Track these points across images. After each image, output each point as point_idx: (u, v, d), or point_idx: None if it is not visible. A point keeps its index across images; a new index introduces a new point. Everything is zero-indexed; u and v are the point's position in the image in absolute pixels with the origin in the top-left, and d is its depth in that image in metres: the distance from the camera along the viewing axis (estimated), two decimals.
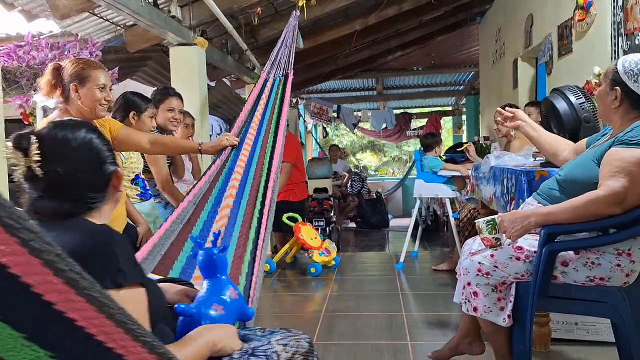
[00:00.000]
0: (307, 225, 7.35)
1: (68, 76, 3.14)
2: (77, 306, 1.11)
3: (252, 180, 3.69)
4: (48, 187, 1.63)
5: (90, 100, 3.16)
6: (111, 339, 1.18)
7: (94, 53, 4.89)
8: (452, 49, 13.41)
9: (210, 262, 2.12)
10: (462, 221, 6.48)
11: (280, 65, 4.21)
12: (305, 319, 5.09)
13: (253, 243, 3.36)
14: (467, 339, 3.44)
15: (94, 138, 1.73)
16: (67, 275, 1.09)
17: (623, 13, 4.54)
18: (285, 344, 1.91)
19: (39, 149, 1.58)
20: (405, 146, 26.33)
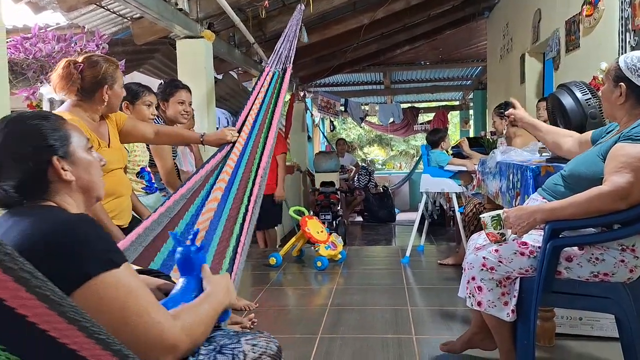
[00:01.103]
0: (313, 218, 7.35)
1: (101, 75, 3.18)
2: (28, 303, 1.15)
3: (242, 175, 3.69)
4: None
5: (117, 99, 3.27)
6: (64, 335, 1.20)
7: (100, 45, 4.88)
8: (460, 43, 13.40)
9: (188, 260, 2.10)
10: (468, 216, 6.47)
11: (281, 60, 4.22)
12: (311, 312, 5.09)
13: (236, 239, 3.36)
14: (480, 334, 3.45)
15: (33, 125, 1.76)
16: (17, 273, 1.13)
17: (631, 9, 4.53)
18: (254, 344, 1.91)
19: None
20: (413, 140, 26.35)
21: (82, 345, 1.24)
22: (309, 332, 4.39)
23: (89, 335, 1.25)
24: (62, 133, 1.81)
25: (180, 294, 2.01)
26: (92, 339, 1.25)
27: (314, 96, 15.35)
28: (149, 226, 3.06)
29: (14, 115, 1.79)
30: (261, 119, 3.98)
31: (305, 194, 12.90)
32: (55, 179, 1.75)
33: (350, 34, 9.86)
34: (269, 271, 6.73)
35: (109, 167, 3.31)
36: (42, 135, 1.75)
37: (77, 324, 1.23)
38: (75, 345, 1.22)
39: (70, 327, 1.21)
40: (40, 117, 1.80)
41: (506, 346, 3.13)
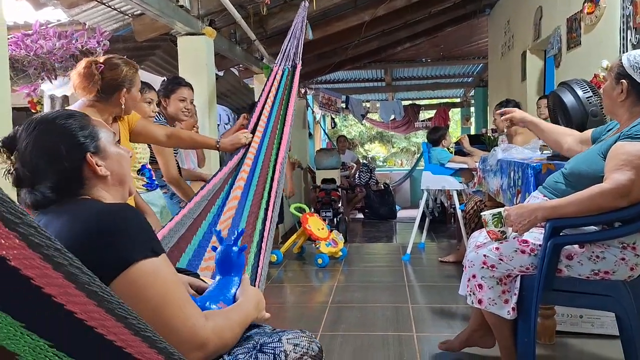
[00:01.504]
0: (314, 216, 7.36)
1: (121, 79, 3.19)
2: (76, 300, 1.14)
3: (260, 172, 3.70)
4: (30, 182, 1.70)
5: (133, 103, 3.29)
6: (111, 332, 1.21)
7: (101, 42, 4.88)
8: (461, 40, 13.38)
9: (228, 260, 2.11)
10: (469, 213, 6.48)
11: (289, 57, 4.21)
12: (311, 309, 5.10)
13: (260, 234, 3.38)
14: (479, 332, 3.46)
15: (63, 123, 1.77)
16: (67, 269, 1.13)
17: (632, 6, 4.53)
18: (296, 343, 1.86)
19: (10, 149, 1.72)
20: (414, 137, 26.32)
21: (128, 342, 1.25)
22: (309, 330, 4.33)
23: (135, 332, 1.26)
24: (90, 129, 1.82)
25: (218, 291, 2.02)
26: (138, 337, 1.27)
27: (315, 93, 15.34)
28: (173, 227, 3.08)
29: (39, 117, 1.78)
30: (275, 116, 3.99)
31: (306, 191, 12.88)
32: (91, 175, 1.77)
33: (352, 31, 9.85)
34: (270, 268, 6.70)
35: None
36: (72, 133, 1.76)
37: (124, 321, 1.24)
38: (122, 343, 1.24)
39: (117, 325, 1.22)
40: (65, 116, 1.80)
41: (506, 343, 3.14)
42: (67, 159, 1.72)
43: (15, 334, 1.08)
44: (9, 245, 1.02)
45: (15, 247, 1.04)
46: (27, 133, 1.71)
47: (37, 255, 1.07)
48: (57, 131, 1.75)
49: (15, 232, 1.03)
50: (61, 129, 1.75)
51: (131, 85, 3.24)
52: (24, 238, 1.05)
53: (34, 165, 1.69)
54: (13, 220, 1.03)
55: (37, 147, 1.70)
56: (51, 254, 1.10)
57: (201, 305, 1.92)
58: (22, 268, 1.05)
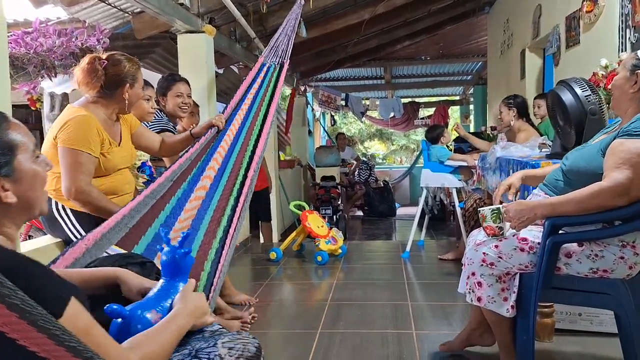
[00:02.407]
0: (314, 213, 7.37)
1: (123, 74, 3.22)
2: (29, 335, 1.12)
3: (233, 166, 3.68)
4: None
5: (136, 99, 3.33)
6: (34, 343, 1.16)
7: (101, 40, 4.89)
8: (461, 38, 13.40)
9: (173, 263, 2.04)
10: (468, 211, 6.48)
11: (278, 53, 4.21)
12: (311, 307, 5.10)
13: (224, 231, 3.36)
14: (478, 330, 3.46)
15: None
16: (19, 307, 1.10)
17: (631, 5, 4.54)
18: (230, 347, 1.85)
19: None
20: (413, 135, 26.34)
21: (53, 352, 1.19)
22: (309, 327, 4.40)
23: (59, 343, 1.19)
24: (5, 143, 1.52)
25: (154, 299, 1.94)
26: (63, 347, 1.19)
27: (315, 91, 15.36)
28: (134, 207, 3.05)
29: None
30: (254, 112, 3.98)
31: (306, 189, 12.91)
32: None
33: (351, 29, 9.86)
34: (269, 266, 6.74)
35: (117, 166, 3.36)
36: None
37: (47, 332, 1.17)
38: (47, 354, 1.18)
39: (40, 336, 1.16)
40: None
41: (505, 341, 3.14)
42: None
43: None
44: None
45: None
46: None
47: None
48: None
49: None
50: None
51: (134, 81, 3.27)
52: None
53: None
54: None
55: None
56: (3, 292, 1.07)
57: (133, 312, 1.85)
58: None
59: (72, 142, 3.09)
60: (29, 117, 12.46)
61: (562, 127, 3.70)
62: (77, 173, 3.11)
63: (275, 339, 4.27)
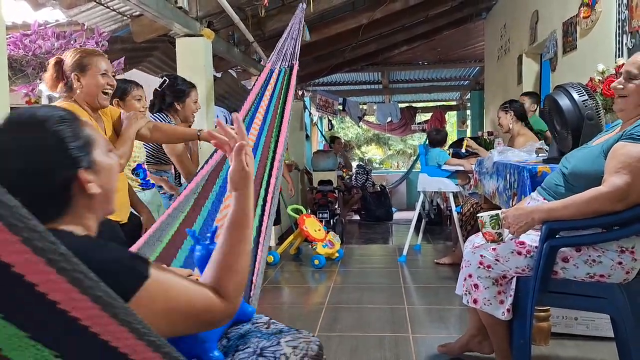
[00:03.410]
0: (311, 217, 7.38)
1: (69, 67, 3.18)
2: (80, 305, 1.09)
3: (256, 171, 3.71)
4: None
5: (93, 87, 3.19)
6: (115, 337, 1.16)
7: (100, 43, 4.90)
8: (458, 44, 13.41)
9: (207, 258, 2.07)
10: (465, 215, 6.50)
11: (286, 57, 4.22)
12: (308, 310, 5.11)
13: (256, 231, 3.38)
14: (478, 337, 3.47)
15: (56, 129, 1.45)
16: (71, 274, 1.07)
17: (628, 11, 4.55)
18: (295, 346, 1.88)
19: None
20: (410, 140, 26.35)
21: (133, 348, 1.20)
22: (306, 330, 4.40)
23: (139, 336, 1.20)
24: (84, 137, 1.53)
25: None
26: (142, 341, 1.21)
27: (312, 95, 15.37)
28: (164, 220, 3.07)
29: (25, 116, 1.48)
30: (271, 116, 3.99)
31: (303, 193, 12.91)
32: (77, 194, 1.50)
33: (349, 34, 9.87)
34: (267, 269, 6.73)
35: None
36: (65, 144, 1.46)
37: (128, 326, 1.17)
38: (127, 349, 1.19)
39: (121, 330, 1.16)
40: (57, 118, 1.47)
41: (501, 344, 3.16)
42: (55, 177, 1.46)
43: (21, 345, 1.04)
44: (13, 250, 0.97)
45: (20, 253, 0.98)
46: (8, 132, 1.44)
47: (41, 260, 1.01)
48: (48, 139, 1.45)
49: (19, 237, 0.97)
50: (54, 138, 1.45)
51: (82, 70, 3.18)
52: (28, 243, 0.99)
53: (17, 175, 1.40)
54: (17, 225, 0.97)
55: (17, 155, 1.41)
56: (55, 258, 1.03)
57: None
58: (26, 274, 1.00)
59: None
60: None
61: (559, 131, 3.71)
62: None
63: None
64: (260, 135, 3.88)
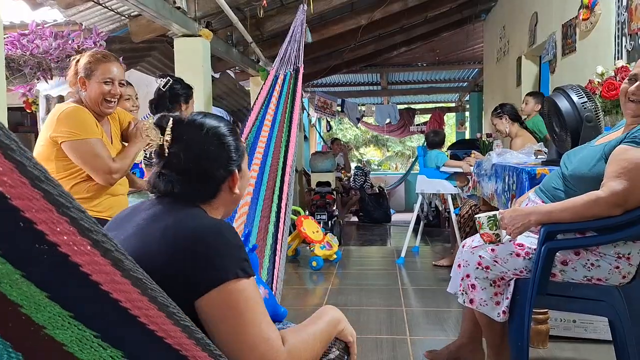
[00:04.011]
0: (309, 218, 7.37)
1: (80, 69, 3.20)
2: (122, 288, 1.12)
3: (268, 176, 3.71)
4: (167, 166, 1.70)
5: (94, 93, 3.19)
6: (153, 321, 1.19)
7: (98, 43, 4.89)
8: (457, 45, 13.41)
9: None
10: (463, 217, 6.48)
11: (291, 60, 4.22)
12: (305, 312, 5.09)
13: (273, 237, 3.39)
14: (470, 345, 3.43)
15: (228, 136, 1.77)
16: (114, 255, 1.09)
17: (627, 13, 4.54)
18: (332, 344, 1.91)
19: (174, 130, 1.68)
20: (409, 141, 26.39)
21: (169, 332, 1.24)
22: None
23: (175, 322, 1.25)
24: (241, 148, 1.83)
25: None
26: (178, 327, 1.26)
27: (311, 96, 15.37)
28: None
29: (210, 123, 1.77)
30: (279, 120, 3.99)
31: (301, 194, 12.90)
32: (226, 190, 1.78)
33: (348, 35, 9.88)
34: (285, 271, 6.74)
35: None
36: (232, 148, 1.78)
37: (165, 310, 1.22)
38: (163, 333, 1.23)
39: (159, 314, 1.21)
40: (230, 130, 1.81)
41: (496, 342, 3.15)
42: (223, 169, 1.75)
43: (64, 324, 1.06)
44: (60, 230, 0.99)
45: (66, 233, 1.00)
46: (198, 130, 1.72)
47: (86, 241, 1.04)
48: (223, 141, 1.75)
49: (66, 217, 0.99)
50: (227, 141, 1.76)
51: (88, 75, 3.19)
52: (75, 223, 1.01)
53: (194, 158, 1.70)
54: (64, 204, 0.98)
55: (204, 146, 1.71)
56: (100, 239, 1.06)
57: None
58: (71, 254, 1.02)
59: (74, 133, 3.04)
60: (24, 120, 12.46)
61: (558, 133, 3.70)
62: (98, 158, 3.10)
63: None
64: (269, 143, 3.88)
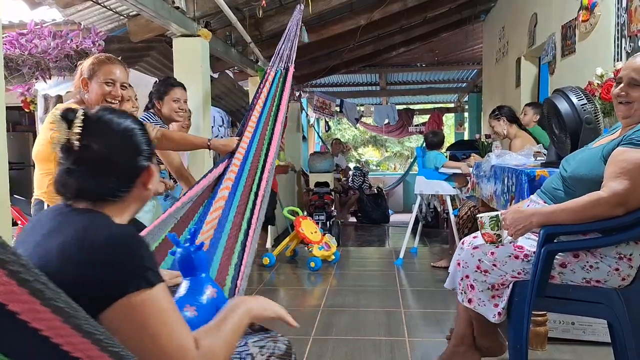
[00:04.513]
0: (307, 219, 7.36)
1: (84, 70, 3.22)
2: (42, 316, 1.12)
3: (248, 173, 3.69)
4: (79, 161, 1.61)
5: (95, 94, 3.23)
6: (78, 349, 1.19)
7: (96, 42, 4.88)
8: (456, 46, 13.41)
9: (188, 260, 2.06)
10: (462, 218, 6.48)
11: (282, 59, 4.21)
12: (304, 313, 5.09)
13: (244, 234, 3.37)
14: (462, 347, 3.39)
15: (137, 130, 1.72)
16: (32, 285, 1.09)
17: (627, 15, 4.54)
18: (261, 345, 1.90)
19: (83, 123, 1.59)
20: (407, 142, 26.38)
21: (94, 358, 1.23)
22: (301, 333, 4.39)
23: (101, 349, 1.24)
24: (152, 143, 1.79)
25: (185, 296, 1.98)
26: (105, 352, 1.25)
27: (310, 96, 15.36)
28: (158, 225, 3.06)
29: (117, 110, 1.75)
30: (264, 119, 3.98)
31: (300, 194, 12.90)
32: (140, 186, 1.73)
33: (347, 35, 9.87)
34: (262, 271, 6.73)
35: None
36: (144, 139, 1.73)
37: (90, 337, 1.21)
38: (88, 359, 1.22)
39: (84, 341, 1.20)
40: (137, 120, 1.77)
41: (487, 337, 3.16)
42: (136, 163, 1.70)
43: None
44: None
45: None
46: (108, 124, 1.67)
47: (2, 271, 1.05)
48: (133, 134, 1.70)
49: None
50: (137, 134, 1.71)
51: (90, 76, 3.22)
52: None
53: (105, 152, 1.63)
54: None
55: (115, 139, 1.66)
56: (16, 270, 1.07)
57: None
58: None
59: None
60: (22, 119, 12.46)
61: (557, 135, 3.70)
62: None
63: None
64: (252, 139, 3.87)
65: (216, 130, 9.49)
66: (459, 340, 3.40)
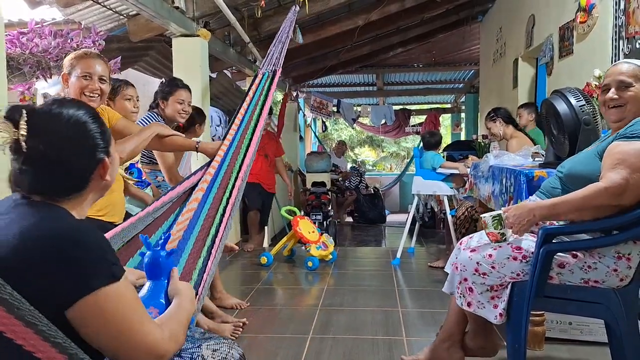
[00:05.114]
0: (305, 218, 7.37)
1: (64, 67, 3.25)
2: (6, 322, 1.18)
3: (223, 176, 3.68)
4: (28, 161, 1.56)
5: (73, 89, 3.26)
6: (20, 337, 1.24)
7: (97, 42, 4.89)
8: (453, 46, 13.44)
9: (156, 265, 2.06)
10: (460, 219, 6.49)
11: (271, 62, 4.21)
12: (301, 312, 5.10)
13: (212, 239, 3.37)
14: (447, 343, 3.36)
15: (90, 122, 1.66)
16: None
17: (625, 16, 4.56)
18: (215, 349, 1.91)
19: (29, 122, 1.54)
20: (404, 142, 26.41)
21: (37, 347, 1.28)
22: (299, 332, 4.41)
23: (44, 338, 1.29)
24: (107, 132, 1.74)
25: (148, 298, 1.99)
26: (47, 342, 1.30)
27: (307, 96, 15.37)
28: (134, 222, 3.05)
29: (67, 101, 1.68)
30: (247, 121, 3.96)
31: (297, 194, 12.91)
32: (96, 179, 1.69)
33: (344, 35, 9.89)
34: (260, 270, 6.74)
35: None
36: (98, 134, 1.69)
37: (34, 328, 1.26)
38: (31, 347, 1.27)
39: (27, 331, 1.25)
40: (93, 114, 1.70)
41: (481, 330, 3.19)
42: (90, 157, 1.66)
43: None
44: None
45: None
46: (56, 119, 1.61)
47: None
48: (86, 128, 1.65)
49: None
50: (90, 128, 1.66)
51: (69, 71, 3.25)
52: None
53: (56, 150, 1.58)
54: None
55: (65, 135, 1.61)
56: None
57: None
58: None
59: None
60: None
61: (555, 136, 3.71)
62: None
63: (266, 344, 4.27)
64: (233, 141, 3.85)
65: (214, 130, 9.51)
66: (446, 336, 3.38)
